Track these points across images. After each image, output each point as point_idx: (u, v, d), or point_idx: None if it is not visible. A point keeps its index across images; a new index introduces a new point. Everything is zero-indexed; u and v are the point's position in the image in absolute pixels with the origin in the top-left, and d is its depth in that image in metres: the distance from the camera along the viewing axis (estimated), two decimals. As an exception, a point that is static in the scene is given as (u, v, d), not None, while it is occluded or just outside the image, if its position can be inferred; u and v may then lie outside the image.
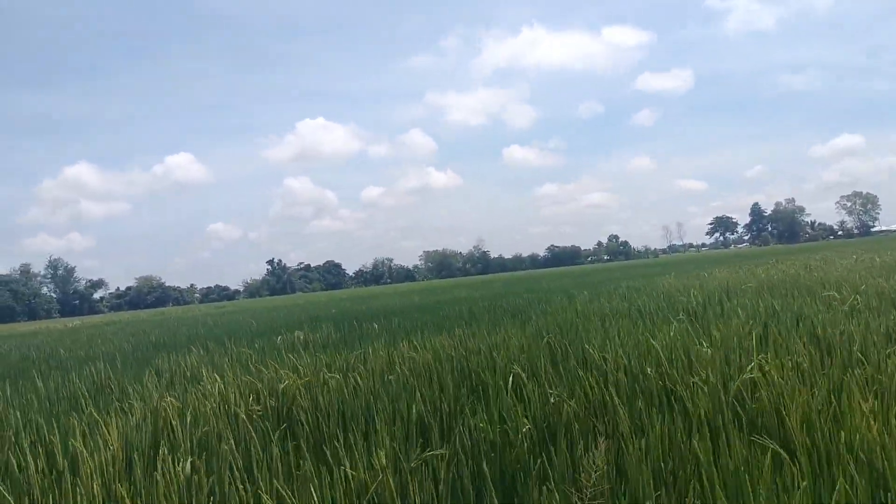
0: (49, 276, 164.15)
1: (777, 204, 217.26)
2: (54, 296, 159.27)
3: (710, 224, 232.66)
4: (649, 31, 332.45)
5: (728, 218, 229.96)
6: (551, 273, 78.45)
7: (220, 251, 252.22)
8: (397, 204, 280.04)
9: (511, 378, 5.22)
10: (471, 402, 4.95)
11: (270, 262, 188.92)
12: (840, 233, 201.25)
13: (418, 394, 5.08)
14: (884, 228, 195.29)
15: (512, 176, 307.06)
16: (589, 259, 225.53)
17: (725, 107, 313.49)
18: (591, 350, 5.98)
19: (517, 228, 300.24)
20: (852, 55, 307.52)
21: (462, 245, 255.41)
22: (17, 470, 4.21)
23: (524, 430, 4.06)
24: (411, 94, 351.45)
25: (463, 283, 62.42)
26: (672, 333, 6.58)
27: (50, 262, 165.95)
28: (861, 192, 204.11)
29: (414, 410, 4.66)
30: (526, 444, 3.93)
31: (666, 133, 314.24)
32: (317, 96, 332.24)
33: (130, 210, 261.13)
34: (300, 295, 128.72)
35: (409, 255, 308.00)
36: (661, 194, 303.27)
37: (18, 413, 6.15)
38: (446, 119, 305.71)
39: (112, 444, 4.36)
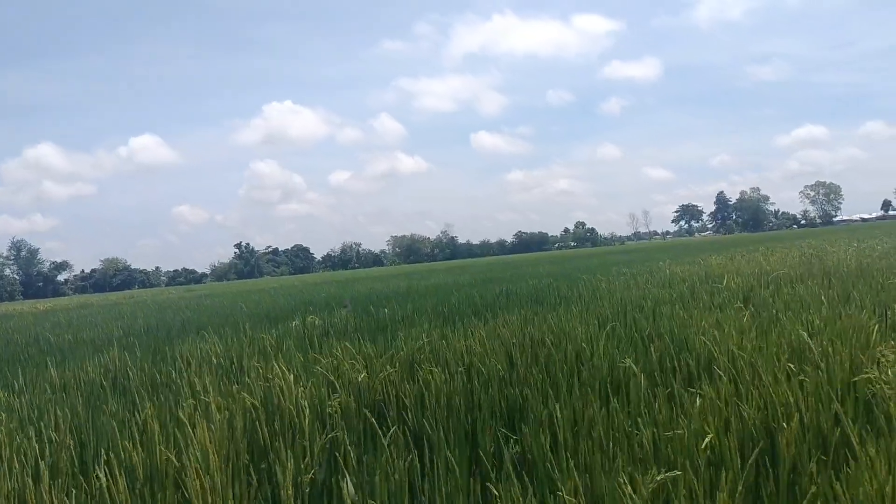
0: (12, 257, 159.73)
1: (742, 192, 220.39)
2: (17, 277, 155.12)
3: (676, 212, 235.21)
4: (619, 20, 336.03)
5: (694, 206, 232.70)
6: (524, 259, 78.21)
7: (187, 234, 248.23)
8: (366, 189, 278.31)
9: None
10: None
11: (238, 245, 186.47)
12: (803, 222, 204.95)
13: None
14: (845, 218, 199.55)
15: (480, 162, 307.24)
16: (556, 245, 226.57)
17: (693, 96, 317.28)
18: (718, 347, 5.39)
19: (485, 215, 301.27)
20: (819, 49, 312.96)
21: (430, 230, 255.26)
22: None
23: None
24: (382, 80, 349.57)
25: (438, 268, 61.94)
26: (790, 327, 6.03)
27: (13, 243, 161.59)
28: (824, 182, 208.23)
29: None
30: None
31: (634, 122, 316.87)
32: (286, 80, 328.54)
33: (96, 192, 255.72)
34: (271, 279, 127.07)
35: (376, 240, 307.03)
36: (627, 182, 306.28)
37: (61, 410, 5.54)
38: (416, 105, 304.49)
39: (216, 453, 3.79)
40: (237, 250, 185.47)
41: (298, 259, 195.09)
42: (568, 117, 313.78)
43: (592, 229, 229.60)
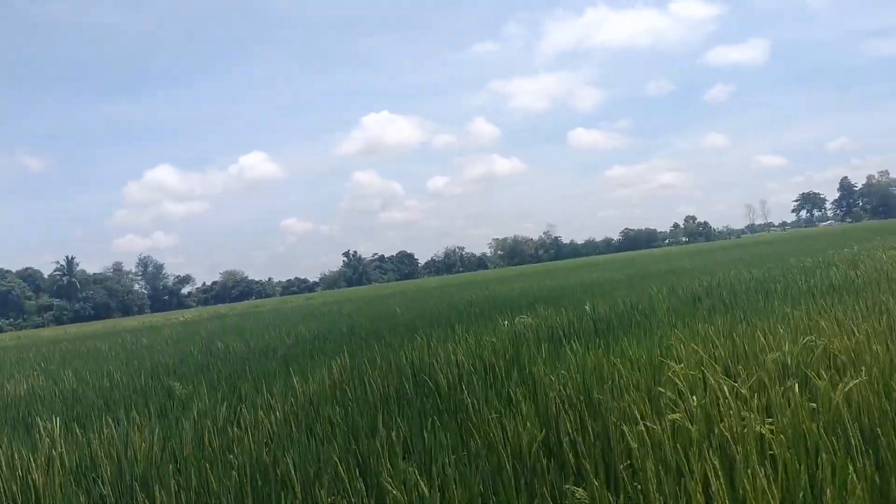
0: (140, 273, 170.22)
1: (869, 177, 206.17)
2: (145, 292, 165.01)
3: (796, 201, 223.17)
4: (720, 3, 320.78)
5: (815, 194, 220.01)
6: (642, 256, 75.67)
7: (294, 245, 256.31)
8: (463, 192, 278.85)
9: None
10: None
11: (346, 253, 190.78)
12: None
13: None
14: None
15: (578, 160, 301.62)
16: (666, 242, 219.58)
17: (805, 77, 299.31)
18: None
19: (586, 213, 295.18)
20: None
21: (530, 231, 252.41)
22: None
23: None
24: (475, 83, 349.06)
25: (558, 268, 60.63)
26: None
27: (140, 260, 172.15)
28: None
29: None
30: None
31: (741, 108, 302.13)
32: (382, 91, 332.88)
33: (209, 209, 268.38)
34: (379, 285, 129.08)
35: (477, 243, 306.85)
36: (737, 172, 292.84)
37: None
38: (510, 105, 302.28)
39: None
40: (345, 259, 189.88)
41: (403, 265, 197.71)
42: (669, 108, 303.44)
43: (705, 223, 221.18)
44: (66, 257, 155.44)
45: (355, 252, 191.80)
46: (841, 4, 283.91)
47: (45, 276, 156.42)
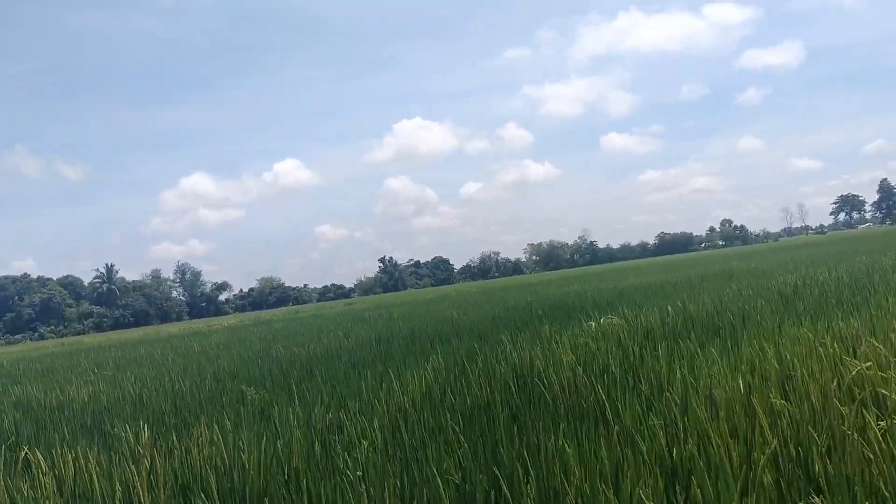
0: (178, 280, 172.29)
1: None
2: (184, 299, 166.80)
3: (835, 203, 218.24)
4: (754, 6, 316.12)
5: (854, 196, 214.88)
6: (682, 260, 74.13)
7: (328, 252, 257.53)
8: (496, 198, 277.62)
9: None
10: None
11: (382, 259, 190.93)
12: None
13: None
14: None
15: (611, 164, 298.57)
16: (703, 245, 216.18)
17: (841, 79, 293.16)
18: None
19: (619, 218, 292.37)
20: None
21: (564, 236, 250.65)
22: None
23: None
24: (507, 89, 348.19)
25: (606, 271, 59.43)
26: None
27: (178, 267, 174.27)
28: None
29: None
30: None
31: (776, 111, 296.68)
32: (414, 97, 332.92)
33: (243, 215, 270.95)
34: (415, 291, 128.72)
35: (510, 249, 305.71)
36: (772, 175, 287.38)
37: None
38: (543, 111, 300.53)
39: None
40: (381, 264, 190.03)
41: (439, 271, 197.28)
42: (702, 112, 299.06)
43: (742, 227, 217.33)
44: (106, 265, 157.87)
45: (391, 258, 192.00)
46: (878, 5, 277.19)
47: (86, 283, 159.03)
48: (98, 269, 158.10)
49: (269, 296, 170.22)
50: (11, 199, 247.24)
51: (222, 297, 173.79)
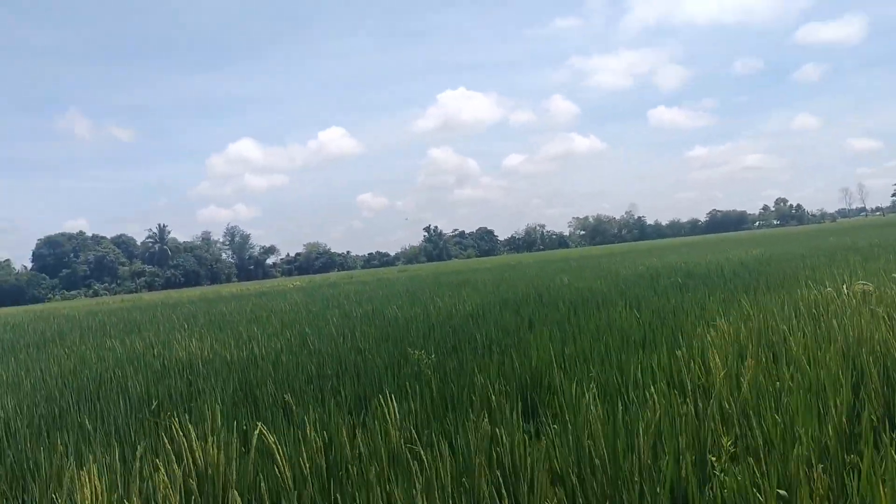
0: (227, 243, 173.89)
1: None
2: (233, 261, 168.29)
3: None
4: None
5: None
6: (745, 238, 71.16)
7: (370, 220, 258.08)
8: (539, 171, 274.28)
9: None
10: None
11: (427, 228, 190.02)
12: None
13: None
14: None
15: (659, 139, 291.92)
16: (756, 224, 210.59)
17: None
18: None
19: (665, 193, 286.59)
20: None
21: (608, 211, 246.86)
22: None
23: None
24: (554, 60, 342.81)
25: (680, 245, 56.99)
26: None
27: (227, 230, 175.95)
28: None
29: None
30: None
31: (834, 88, 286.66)
32: (460, 67, 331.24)
33: (288, 182, 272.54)
34: (459, 261, 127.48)
35: (553, 222, 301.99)
36: (827, 155, 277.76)
37: None
38: (590, 83, 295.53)
39: None
40: (426, 234, 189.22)
41: (483, 241, 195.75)
42: (757, 87, 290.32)
43: (798, 206, 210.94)
44: (159, 225, 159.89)
45: (436, 227, 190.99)
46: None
47: (138, 242, 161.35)
48: (151, 229, 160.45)
49: (316, 261, 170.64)
50: (65, 160, 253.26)
51: (270, 262, 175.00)
